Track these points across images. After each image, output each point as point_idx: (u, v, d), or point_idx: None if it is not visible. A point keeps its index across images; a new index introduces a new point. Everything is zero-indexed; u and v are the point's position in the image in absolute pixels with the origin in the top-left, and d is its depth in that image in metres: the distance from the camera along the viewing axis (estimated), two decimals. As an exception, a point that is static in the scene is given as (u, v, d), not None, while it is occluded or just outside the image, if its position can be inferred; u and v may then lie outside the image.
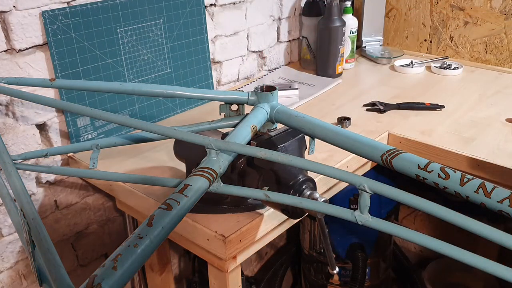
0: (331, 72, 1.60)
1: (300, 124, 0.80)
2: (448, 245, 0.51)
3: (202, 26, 1.37)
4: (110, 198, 1.31)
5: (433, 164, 0.61)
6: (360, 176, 0.56)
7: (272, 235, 0.97)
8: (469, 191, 0.55)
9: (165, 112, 1.35)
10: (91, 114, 0.85)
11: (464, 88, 1.50)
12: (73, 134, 1.16)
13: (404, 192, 0.53)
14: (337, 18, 1.55)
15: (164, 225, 0.52)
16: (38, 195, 1.15)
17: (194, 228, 0.89)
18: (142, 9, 1.22)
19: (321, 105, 1.40)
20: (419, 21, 1.81)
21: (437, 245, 0.51)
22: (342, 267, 1.62)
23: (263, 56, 1.65)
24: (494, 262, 0.49)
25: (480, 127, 1.23)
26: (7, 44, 1.02)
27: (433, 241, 0.52)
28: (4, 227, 1.11)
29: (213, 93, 0.95)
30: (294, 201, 0.62)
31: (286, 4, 1.65)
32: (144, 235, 0.49)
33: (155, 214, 0.53)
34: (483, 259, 0.49)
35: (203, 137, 0.67)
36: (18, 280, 1.17)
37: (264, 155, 0.61)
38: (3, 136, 1.05)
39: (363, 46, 1.83)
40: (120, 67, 1.21)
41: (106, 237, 1.34)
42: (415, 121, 1.27)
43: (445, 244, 0.51)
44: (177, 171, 1.06)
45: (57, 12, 1.06)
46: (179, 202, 0.55)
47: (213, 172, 0.63)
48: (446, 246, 0.51)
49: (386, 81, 1.59)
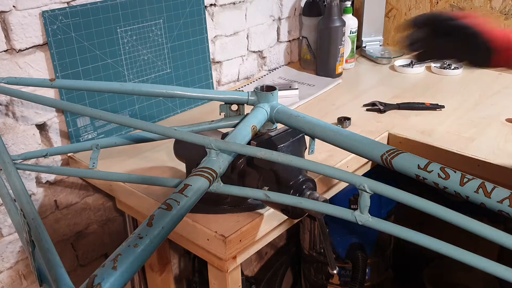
0: (331, 72, 1.60)
1: (300, 124, 0.80)
2: (448, 245, 0.51)
3: (202, 26, 1.37)
4: (110, 198, 1.31)
5: (433, 164, 0.61)
6: (360, 176, 0.56)
7: (272, 235, 0.97)
8: (469, 191, 0.55)
9: (165, 112, 1.35)
10: (91, 114, 0.85)
11: (464, 88, 1.49)
12: (73, 134, 1.16)
13: (404, 192, 0.53)
14: (337, 18, 1.55)
15: (164, 225, 0.52)
16: (38, 195, 1.15)
17: (194, 228, 0.89)
18: (142, 9, 1.22)
19: (321, 105, 1.40)
20: (419, 21, 1.81)
21: (437, 245, 0.51)
22: (342, 267, 1.62)
23: (263, 56, 1.65)
24: (494, 262, 0.49)
25: (480, 127, 1.23)
26: (7, 44, 1.01)
27: (433, 241, 0.52)
28: (4, 227, 1.11)
29: (213, 93, 0.95)
30: (294, 201, 0.62)
31: (286, 4, 1.65)
32: (144, 235, 0.49)
33: (155, 214, 0.53)
34: (483, 259, 0.49)
35: (203, 137, 0.67)
36: (18, 280, 1.17)
37: (264, 155, 0.61)
38: (3, 136, 1.05)
39: (363, 46, 1.83)
40: (120, 67, 1.21)
41: (106, 237, 1.34)
42: (415, 121, 1.27)
43: (445, 244, 0.51)
44: (177, 171, 1.06)
45: (57, 12, 1.06)
46: (179, 202, 0.55)
47: (213, 172, 0.63)
48: (446, 246, 0.51)
49: (386, 81, 1.59)
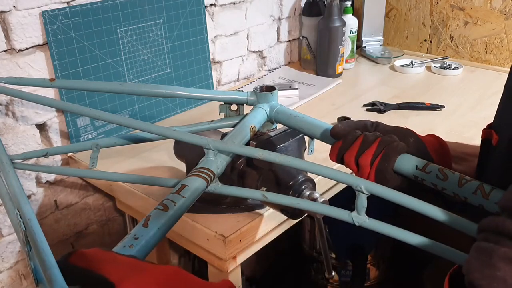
0: (331, 72, 1.60)
1: (299, 124, 0.80)
2: (448, 248, 0.51)
3: (202, 26, 1.37)
4: (110, 198, 1.31)
5: (431, 165, 0.61)
6: (357, 177, 0.56)
7: (272, 235, 0.97)
8: (467, 193, 0.55)
9: (165, 112, 1.35)
10: (91, 114, 0.85)
11: (464, 88, 1.49)
12: (73, 134, 1.16)
13: (401, 194, 0.53)
14: (337, 18, 1.55)
15: (160, 226, 0.51)
16: (38, 195, 1.15)
17: (194, 228, 0.89)
18: (142, 9, 1.22)
19: (321, 105, 1.40)
20: (419, 21, 1.81)
21: (435, 247, 0.51)
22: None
23: (263, 56, 1.65)
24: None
25: (480, 127, 1.21)
26: (7, 44, 1.02)
27: (431, 243, 0.51)
28: (4, 227, 1.11)
29: (212, 93, 0.95)
30: (292, 201, 0.61)
31: (286, 4, 1.65)
32: (140, 236, 0.49)
33: (151, 214, 0.53)
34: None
35: (201, 138, 0.67)
36: (18, 280, 1.18)
37: (261, 155, 0.61)
38: (3, 136, 1.05)
39: (363, 46, 1.83)
40: (120, 67, 1.21)
41: (106, 237, 1.34)
42: (415, 121, 1.27)
43: (444, 246, 0.51)
44: (177, 171, 1.06)
45: (57, 12, 1.06)
46: (176, 202, 0.55)
47: (210, 173, 0.63)
48: (446, 249, 0.51)
49: (386, 81, 1.59)
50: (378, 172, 0.62)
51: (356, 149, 0.65)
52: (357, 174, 0.65)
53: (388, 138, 0.64)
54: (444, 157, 0.68)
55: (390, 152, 0.62)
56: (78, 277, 0.40)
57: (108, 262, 0.41)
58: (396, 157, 0.62)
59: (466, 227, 0.50)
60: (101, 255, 0.42)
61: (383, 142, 0.63)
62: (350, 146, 0.66)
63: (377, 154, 0.63)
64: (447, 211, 0.51)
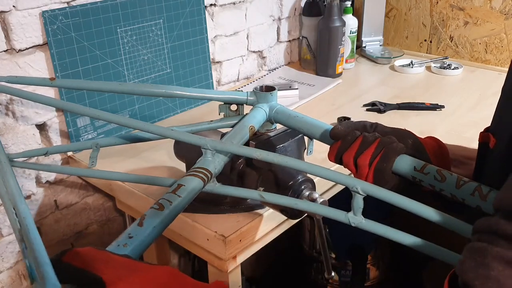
0: (331, 72, 1.60)
1: (299, 125, 0.80)
2: (441, 249, 0.51)
3: (202, 26, 1.37)
4: (110, 198, 1.31)
5: (429, 167, 0.60)
6: (354, 178, 0.56)
7: (272, 235, 0.97)
8: (465, 194, 0.55)
9: (165, 112, 1.35)
10: (91, 114, 0.86)
11: (464, 88, 1.49)
12: (73, 134, 1.16)
13: (397, 195, 0.53)
14: (337, 18, 1.55)
15: (156, 225, 0.51)
16: (38, 195, 1.15)
17: (194, 228, 0.89)
18: (142, 9, 1.22)
19: (321, 105, 1.40)
20: (419, 21, 1.81)
21: (428, 248, 0.51)
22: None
23: (263, 56, 1.65)
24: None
25: (480, 127, 1.21)
26: (7, 44, 1.02)
27: (428, 245, 0.51)
28: (4, 227, 1.11)
29: (212, 93, 0.96)
30: (289, 202, 0.62)
31: (286, 4, 1.65)
32: (135, 235, 0.49)
33: (146, 214, 0.53)
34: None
35: (199, 138, 0.68)
36: (18, 280, 1.18)
37: (260, 156, 0.61)
38: (3, 136, 1.05)
39: (363, 46, 1.83)
40: (120, 67, 1.21)
41: (106, 237, 1.35)
42: (415, 121, 1.27)
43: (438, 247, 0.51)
44: (177, 171, 1.06)
45: (57, 12, 1.06)
46: (172, 202, 0.55)
47: (207, 173, 0.63)
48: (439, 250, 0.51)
49: (386, 81, 1.59)
50: (376, 172, 0.62)
51: (355, 149, 0.65)
52: (356, 174, 0.65)
53: (387, 139, 0.64)
54: (443, 159, 0.68)
55: (389, 152, 0.62)
56: (71, 275, 0.40)
57: (101, 261, 0.41)
58: (395, 157, 0.62)
59: (460, 228, 0.50)
60: (95, 254, 0.42)
61: (382, 143, 0.63)
62: (349, 147, 0.66)
63: (376, 154, 0.63)
64: (441, 212, 0.51)
